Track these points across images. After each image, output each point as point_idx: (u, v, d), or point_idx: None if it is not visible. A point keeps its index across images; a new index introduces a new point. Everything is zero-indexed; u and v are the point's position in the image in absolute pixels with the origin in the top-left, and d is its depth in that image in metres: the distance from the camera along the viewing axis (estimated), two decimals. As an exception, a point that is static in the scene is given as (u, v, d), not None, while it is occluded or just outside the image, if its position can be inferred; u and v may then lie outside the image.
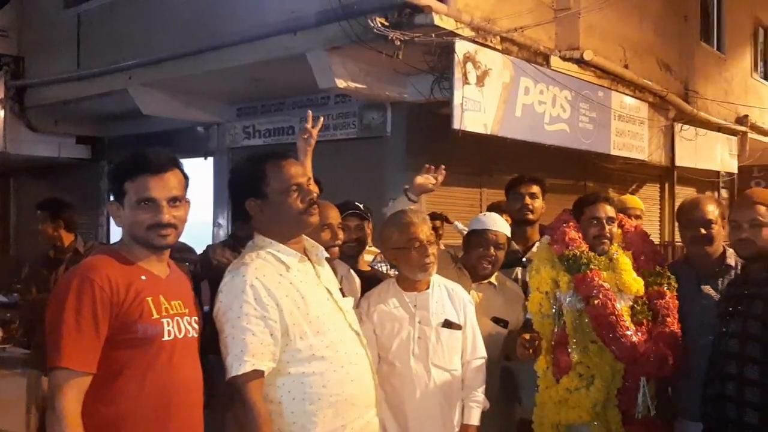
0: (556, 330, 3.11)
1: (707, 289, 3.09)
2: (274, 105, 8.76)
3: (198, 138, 9.74)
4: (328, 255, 2.63)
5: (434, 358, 2.81)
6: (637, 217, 4.02)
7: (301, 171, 2.43)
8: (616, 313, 2.92)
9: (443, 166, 3.31)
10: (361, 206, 3.60)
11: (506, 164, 7.87)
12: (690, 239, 3.17)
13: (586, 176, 9.89)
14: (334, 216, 3.14)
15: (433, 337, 2.82)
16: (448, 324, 2.86)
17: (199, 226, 8.91)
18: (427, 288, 2.90)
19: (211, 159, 9.79)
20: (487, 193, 8.24)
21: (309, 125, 3.37)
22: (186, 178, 2.19)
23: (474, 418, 2.86)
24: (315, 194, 2.41)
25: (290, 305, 2.27)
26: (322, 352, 2.29)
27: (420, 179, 3.28)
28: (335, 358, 2.31)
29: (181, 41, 7.38)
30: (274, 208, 2.34)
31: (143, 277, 2.09)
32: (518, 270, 3.69)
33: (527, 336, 2.97)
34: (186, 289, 2.25)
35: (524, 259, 3.66)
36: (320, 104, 8.05)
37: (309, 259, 2.45)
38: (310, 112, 3.41)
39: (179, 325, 2.10)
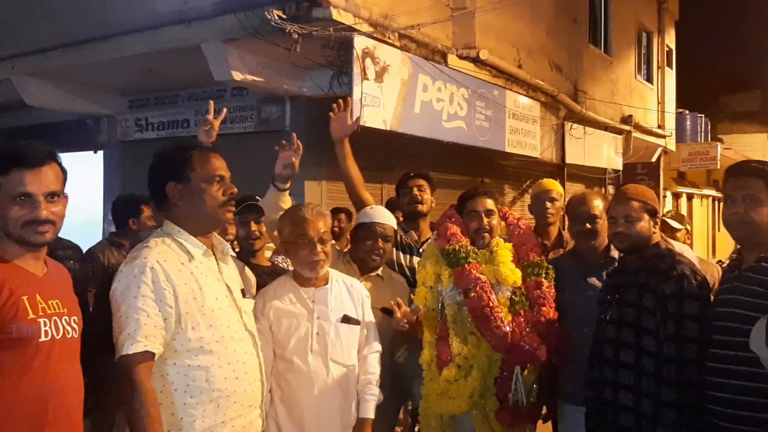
0: (439, 323, 3.16)
1: (593, 280, 3.22)
2: (169, 97, 8.50)
3: (87, 131, 9.31)
4: (233, 253, 2.58)
5: (333, 354, 2.80)
6: (553, 200, 4.08)
7: (225, 166, 2.43)
8: (492, 305, 3.00)
9: (299, 142, 3.26)
10: (259, 200, 3.54)
11: (406, 160, 7.96)
12: (576, 233, 3.30)
13: (483, 173, 10.15)
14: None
15: (332, 333, 2.81)
16: (346, 319, 2.87)
17: (88, 222, 8.52)
18: (326, 283, 2.88)
19: (101, 153, 9.40)
20: (388, 189, 8.30)
21: (210, 116, 3.30)
22: (64, 171, 2.09)
23: (370, 412, 2.88)
24: (235, 191, 2.43)
25: (187, 294, 2.26)
26: (211, 345, 2.28)
27: (279, 169, 3.23)
28: (223, 354, 2.31)
29: (69, 29, 7.02)
30: (194, 195, 2.35)
31: (18, 276, 1.97)
32: (416, 260, 3.73)
33: (399, 300, 3.02)
34: (65, 288, 2.14)
35: (421, 250, 3.70)
36: (216, 97, 7.86)
37: (214, 255, 2.44)
38: (211, 102, 3.35)
39: (57, 325, 1.99)
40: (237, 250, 3.54)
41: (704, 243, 21.48)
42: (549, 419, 3.24)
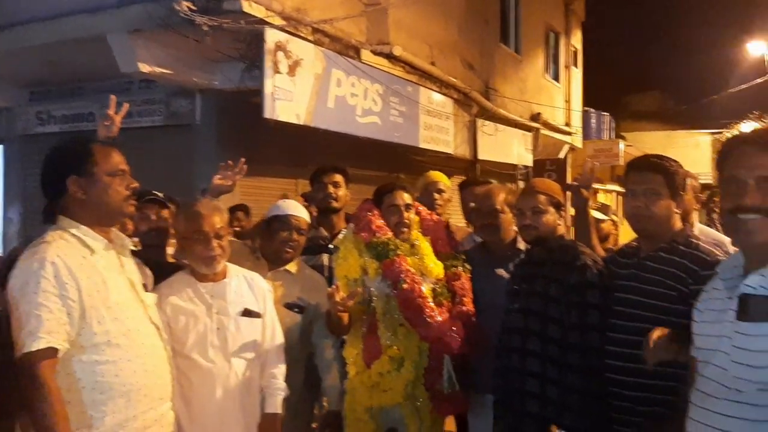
0: (365, 317, 3.16)
1: (500, 271, 3.30)
2: (72, 89, 8.15)
3: (-16, 123, 8.81)
4: (133, 247, 2.52)
5: (234, 349, 2.75)
6: (441, 191, 4.15)
7: (124, 161, 2.41)
8: (423, 295, 3.04)
9: (243, 159, 3.22)
10: (160, 194, 3.43)
11: (321, 155, 7.88)
12: (480, 227, 3.39)
13: (398, 168, 10.22)
14: None
15: (232, 327, 2.76)
16: (247, 313, 2.81)
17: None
18: (224, 277, 2.83)
19: (0, 147, 8.90)
20: (303, 184, 8.19)
21: (111, 111, 3.19)
22: None
23: (276, 406, 2.84)
24: (137, 185, 2.42)
25: (90, 288, 2.21)
26: (118, 339, 2.25)
27: (217, 180, 3.19)
28: (131, 347, 2.28)
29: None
30: (98, 189, 2.32)
31: None
32: (325, 256, 3.71)
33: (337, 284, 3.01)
34: None
35: (331, 246, 3.69)
36: (123, 89, 7.57)
37: (114, 249, 2.40)
38: (113, 97, 3.22)
39: None
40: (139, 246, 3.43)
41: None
42: (463, 408, 3.29)
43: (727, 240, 2.82)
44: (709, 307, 1.96)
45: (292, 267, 3.32)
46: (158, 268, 2.97)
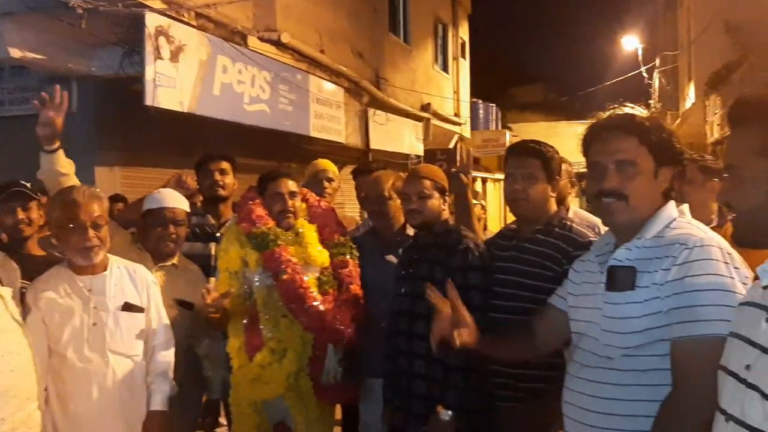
0: (247, 309, 3.10)
1: (390, 257, 3.32)
2: (-67, 74, 7.52)
3: None
4: None
5: (113, 345, 2.62)
6: (330, 179, 4.13)
7: None
8: (304, 285, 3.00)
9: (64, 93, 2.98)
10: (28, 185, 3.23)
11: (207, 144, 7.68)
12: (370, 214, 3.40)
13: (289, 158, 10.10)
14: None
15: (110, 323, 2.63)
16: (128, 307, 2.69)
17: None
18: (104, 270, 2.70)
19: None
20: (188, 174, 8.00)
21: None
22: None
23: (160, 403, 2.74)
24: None
25: None
26: None
27: (38, 127, 2.92)
28: None
29: None
30: None
31: None
32: (213, 245, 3.62)
33: (209, 286, 2.93)
34: None
35: (218, 235, 3.60)
36: (-9, 76, 7.10)
37: None
38: None
39: None
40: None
41: (497, 220, 23.14)
42: (352, 396, 3.30)
43: (599, 222, 2.96)
44: (584, 280, 2.06)
45: (175, 260, 3.21)
46: (26, 262, 2.80)
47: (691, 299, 1.72)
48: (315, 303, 2.99)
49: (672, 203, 1.94)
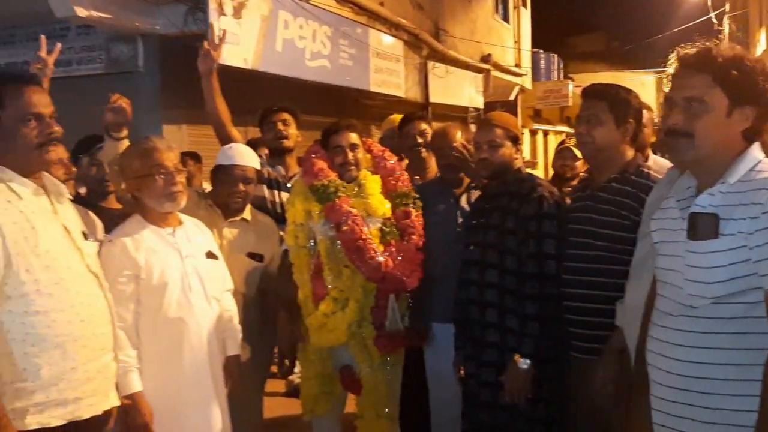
0: (312, 260, 3.15)
1: (460, 204, 3.33)
2: (3, 37, 7.73)
3: None
4: (70, 195, 2.39)
5: (208, 291, 2.70)
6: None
7: (45, 101, 2.19)
8: (364, 236, 3.03)
9: (120, 96, 3.01)
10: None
11: (269, 101, 7.73)
12: (443, 166, 3.38)
13: (348, 113, 10.10)
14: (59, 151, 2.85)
15: (203, 270, 2.70)
16: (211, 255, 2.77)
17: None
18: (179, 222, 2.75)
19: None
20: (253, 132, 8.06)
21: (43, 53, 3.02)
22: None
23: (236, 348, 2.85)
24: (56, 130, 2.20)
25: (16, 234, 2.07)
26: (49, 288, 2.11)
27: (108, 114, 2.99)
28: (65, 297, 2.14)
29: None
30: (7, 134, 2.13)
31: None
32: (282, 194, 3.66)
33: None
34: None
35: (289, 186, 3.64)
36: (59, 36, 7.18)
37: (48, 196, 2.24)
38: (43, 37, 3.05)
39: None
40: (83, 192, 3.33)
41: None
42: (422, 343, 3.34)
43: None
44: (664, 227, 2.00)
45: (246, 215, 3.27)
46: (104, 216, 2.88)
47: None
48: (374, 254, 3.02)
49: (757, 145, 1.85)
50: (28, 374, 2.07)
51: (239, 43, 6.42)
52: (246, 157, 3.26)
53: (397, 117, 4.18)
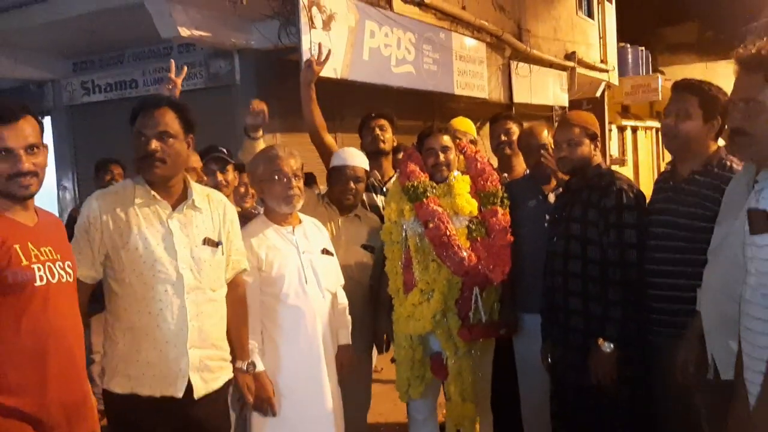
0: (403, 254, 3.40)
1: (548, 200, 3.50)
2: (114, 58, 8.36)
3: (31, 97, 9.08)
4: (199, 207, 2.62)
5: (324, 284, 2.99)
6: (471, 141, 4.28)
7: (153, 122, 2.49)
8: (449, 233, 3.25)
9: (259, 102, 3.66)
10: (225, 150, 3.67)
11: (357, 108, 8.02)
12: (534, 165, 3.56)
13: (433, 116, 10.27)
14: (194, 161, 3.24)
15: (320, 265, 3.00)
16: (326, 252, 3.09)
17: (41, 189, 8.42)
18: (300, 222, 3.06)
19: (48, 119, 9.22)
20: (342, 137, 8.38)
21: (172, 74, 3.43)
22: (40, 123, 2.19)
23: (347, 337, 3.16)
24: (155, 147, 2.47)
25: (113, 232, 2.46)
26: (131, 278, 2.45)
27: (248, 117, 3.64)
28: (140, 290, 2.44)
29: (3, -7, 6.84)
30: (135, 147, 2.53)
31: (9, 227, 2.09)
32: (380, 198, 3.93)
33: None
34: (57, 235, 2.27)
35: (385, 189, 3.90)
36: (163, 55, 7.79)
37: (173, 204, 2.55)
38: (172, 61, 3.51)
39: (52, 271, 2.12)
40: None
41: (649, 173, 22.14)
42: (510, 333, 3.51)
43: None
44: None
45: (359, 211, 3.63)
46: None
47: None
48: (459, 250, 3.22)
49: None
50: (111, 342, 2.52)
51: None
52: (356, 158, 3.61)
53: (455, 122, 4.36)
